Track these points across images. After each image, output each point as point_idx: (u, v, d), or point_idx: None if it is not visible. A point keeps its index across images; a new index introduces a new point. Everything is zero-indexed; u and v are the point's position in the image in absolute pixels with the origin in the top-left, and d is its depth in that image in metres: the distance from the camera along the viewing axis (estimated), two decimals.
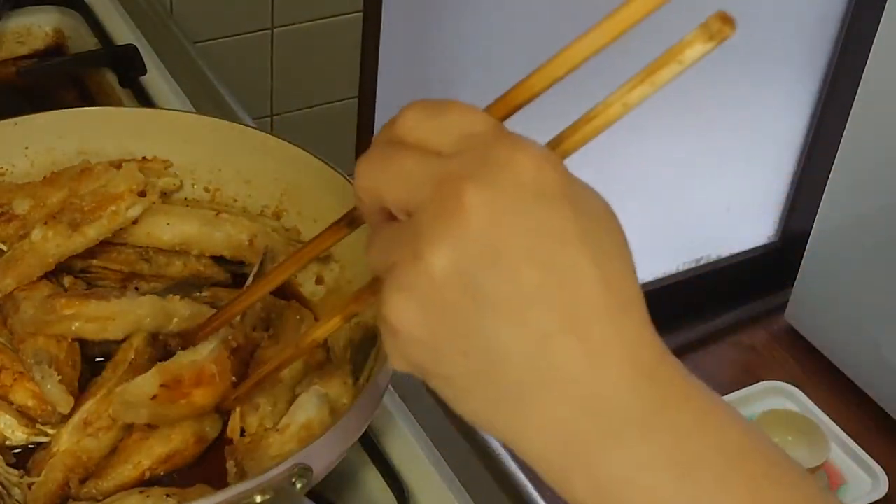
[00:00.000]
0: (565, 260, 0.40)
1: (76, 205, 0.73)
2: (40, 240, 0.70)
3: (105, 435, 0.65)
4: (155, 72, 1.03)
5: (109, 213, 0.72)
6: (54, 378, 0.65)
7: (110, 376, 0.66)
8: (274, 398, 0.66)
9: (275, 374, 0.65)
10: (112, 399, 0.64)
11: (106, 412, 0.65)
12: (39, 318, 0.68)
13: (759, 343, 2.27)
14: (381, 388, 0.65)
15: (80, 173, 0.75)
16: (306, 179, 0.78)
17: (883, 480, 1.96)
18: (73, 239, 0.71)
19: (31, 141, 0.79)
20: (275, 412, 0.66)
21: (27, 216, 0.74)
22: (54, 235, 0.71)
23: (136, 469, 0.63)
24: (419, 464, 0.72)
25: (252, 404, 0.65)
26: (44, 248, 0.71)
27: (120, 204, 0.72)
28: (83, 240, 0.71)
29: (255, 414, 0.65)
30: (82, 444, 0.64)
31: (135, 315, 0.68)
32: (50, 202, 0.74)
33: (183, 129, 0.80)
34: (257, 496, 0.56)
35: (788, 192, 2.35)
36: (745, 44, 2.03)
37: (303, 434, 0.64)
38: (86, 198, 0.73)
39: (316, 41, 1.48)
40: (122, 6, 1.10)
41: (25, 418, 0.66)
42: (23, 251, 0.71)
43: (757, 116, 2.17)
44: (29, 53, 1.07)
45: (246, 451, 0.64)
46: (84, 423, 0.64)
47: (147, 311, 0.69)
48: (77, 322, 0.67)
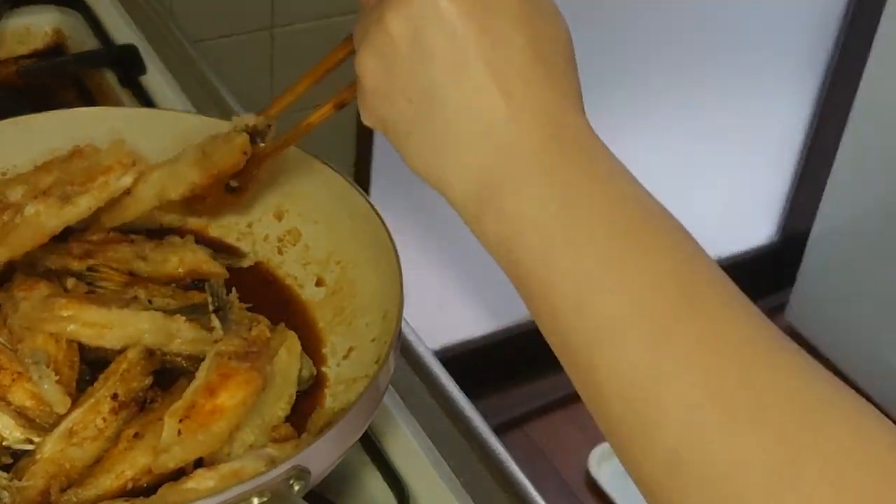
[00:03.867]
0: (503, 27, 0.49)
1: (66, 180, 0.73)
2: (33, 214, 0.70)
3: (91, 445, 0.64)
4: (155, 72, 1.03)
5: (100, 184, 0.72)
6: (51, 378, 0.65)
7: (100, 386, 0.66)
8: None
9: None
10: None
11: (93, 422, 0.64)
12: (36, 314, 0.67)
13: None
14: (380, 390, 0.65)
15: (71, 155, 0.76)
16: (307, 181, 0.78)
17: None
18: (66, 210, 0.71)
19: (33, 141, 0.79)
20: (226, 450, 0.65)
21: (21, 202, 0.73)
22: (46, 208, 0.70)
23: (118, 479, 0.63)
24: (419, 464, 0.72)
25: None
26: (36, 221, 0.70)
27: (109, 175, 0.73)
28: (76, 210, 0.71)
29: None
30: (67, 453, 0.63)
31: (134, 328, 0.68)
32: (42, 185, 0.74)
33: (184, 130, 0.80)
34: (255, 498, 0.56)
35: (788, 192, 2.34)
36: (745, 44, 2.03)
37: (230, 478, 0.62)
38: (76, 174, 0.73)
39: (316, 41, 1.48)
40: (122, 6, 1.10)
41: (23, 419, 0.65)
42: (14, 224, 0.70)
43: (757, 116, 2.17)
44: (29, 53, 1.07)
45: (168, 488, 0.62)
46: (70, 432, 0.63)
47: (148, 326, 0.68)
48: (74, 324, 0.67)
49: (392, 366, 0.65)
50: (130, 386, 0.66)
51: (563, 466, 1.99)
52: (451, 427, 0.78)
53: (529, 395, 1.98)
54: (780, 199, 2.36)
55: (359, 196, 0.74)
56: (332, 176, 0.76)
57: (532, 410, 2.05)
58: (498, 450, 0.77)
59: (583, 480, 1.96)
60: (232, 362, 0.65)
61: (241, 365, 0.65)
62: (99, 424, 0.64)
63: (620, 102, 1.84)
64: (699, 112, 2.06)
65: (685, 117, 2.05)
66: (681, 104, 2.01)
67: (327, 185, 0.76)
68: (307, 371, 0.70)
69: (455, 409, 0.80)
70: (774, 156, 2.28)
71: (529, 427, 2.05)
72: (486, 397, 1.93)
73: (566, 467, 1.99)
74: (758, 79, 2.10)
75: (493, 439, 0.78)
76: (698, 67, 2.00)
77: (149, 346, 0.68)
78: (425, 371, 0.82)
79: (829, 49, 2.15)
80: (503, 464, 0.76)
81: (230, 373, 0.64)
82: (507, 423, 2.02)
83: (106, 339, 0.68)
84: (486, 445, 0.77)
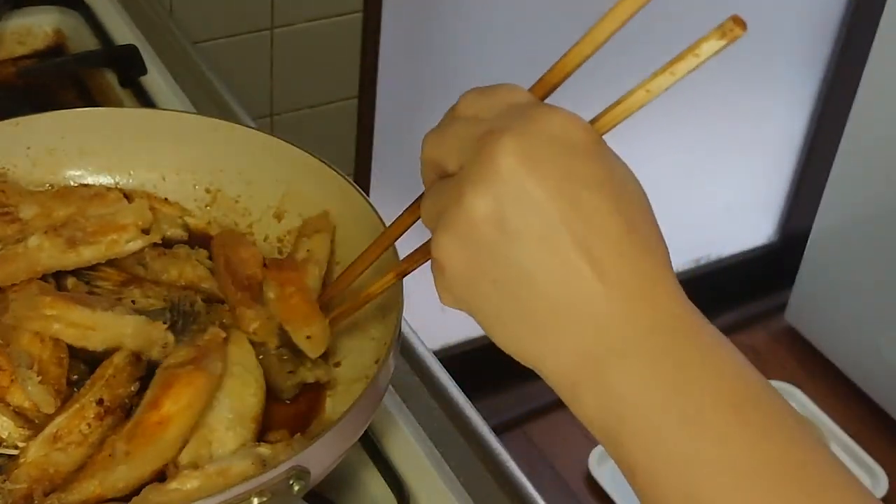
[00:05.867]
0: (590, 199, 0.46)
1: (80, 223, 0.73)
2: (35, 247, 0.70)
3: (75, 450, 0.63)
4: (155, 72, 1.03)
5: (109, 241, 0.72)
6: (34, 380, 0.65)
7: (86, 392, 0.65)
8: (201, 435, 0.65)
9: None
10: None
11: (77, 427, 0.64)
12: (21, 312, 0.67)
13: (759, 343, 2.27)
14: (380, 390, 0.65)
15: (93, 196, 0.76)
16: (307, 181, 0.77)
17: (883, 480, 1.97)
18: (67, 255, 0.71)
19: (33, 141, 0.79)
20: (205, 445, 0.65)
21: (30, 222, 0.74)
22: (50, 246, 0.71)
23: (101, 485, 0.62)
24: (419, 464, 0.72)
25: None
26: (36, 256, 0.71)
27: (122, 234, 0.73)
28: (76, 259, 0.72)
29: (183, 452, 0.63)
30: (51, 458, 0.63)
31: (117, 331, 0.68)
32: (56, 215, 0.74)
33: (184, 130, 0.80)
34: (254, 498, 0.56)
35: (788, 192, 2.34)
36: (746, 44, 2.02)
37: (216, 478, 0.62)
38: (91, 220, 0.73)
39: (316, 41, 1.48)
40: (122, 6, 1.10)
41: (22, 419, 0.65)
42: (15, 253, 0.71)
43: (757, 116, 2.17)
44: (29, 53, 1.07)
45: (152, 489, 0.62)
46: (54, 437, 0.63)
47: (131, 330, 0.68)
48: (58, 324, 0.67)
49: (392, 366, 0.65)
50: (116, 392, 0.66)
51: (563, 466, 1.99)
52: (451, 427, 0.78)
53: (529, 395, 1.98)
54: (780, 199, 2.36)
55: (358, 196, 0.74)
56: (332, 176, 0.76)
57: (532, 410, 2.05)
58: (498, 450, 0.77)
59: (583, 480, 1.96)
60: (176, 370, 0.65)
61: (183, 369, 0.65)
62: (84, 430, 0.64)
63: None
64: (699, 112, 2.06)
65: (685, 117, 2.05)
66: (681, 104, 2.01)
67: (327, 186, 0.76)
68: (323, 370, 0.70)
69: (455, 409, 0.80)
70: (774, 156, 2.28)
71: (529, 427, 2.05)
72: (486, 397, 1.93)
73: (566, 467, 1.99)
74: (758, 79, 2.09)
75: (493, 439, 0.78)
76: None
77: (132, 349, 0.68)
78: (425, 371, 0.82)
79: (829, 49, 2.15)
80: (503, 464, 0.76)
81: (172, 380, 0.64)
82: (507, 423, 2.02)
83: (89, 341, 0.68)
84: (486, 445, 0.77)
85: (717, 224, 2.30)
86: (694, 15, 1.81)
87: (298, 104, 1.52)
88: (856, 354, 2.14)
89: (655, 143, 2.00)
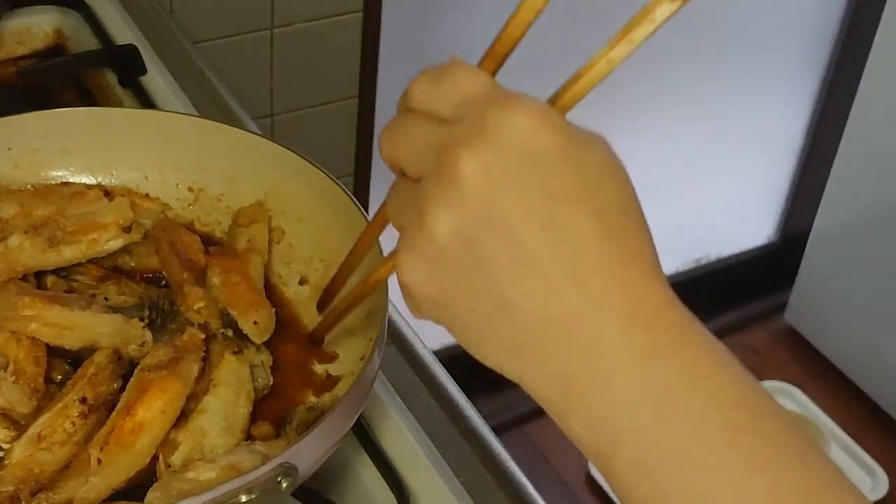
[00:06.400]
0: (564, 217, 0.42)
1: (60, 223, 0.73)
2: (16, 247, 0.70)
3: (59, 449, 0.63)
4: (155, 72, 1.03)
5: (89, 240, 0.72)
6: (7, 380, 0.65)
7: (68, 390, 0.65)
8: (194, 438, 0.65)
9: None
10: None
11: (62, 426, 0.64)
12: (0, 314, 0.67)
13: (759, 343, 2.27)
14: (367, 385, 0.65)
15: (73, 195, 0.75)
16: (290, 179, 0.77)
17: (883, 480, 1.96)
18: (48, 255, 0.71)
19: (14, 142, 0.78)
20: (197, 448, 0.65)
21: (9, 221, 0.73)
22: (31, 246, 0.70)
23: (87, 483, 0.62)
24: (419, 463, 0.72)
25: (171, 445, 0.64)
26: (16, 256, 0.70)
27: (102, 233, 0.73)
28: (57, 258, 0.71)
29: (176, 453, 0.64)
30: (36, 458, 0.63)
31: (93, 330, 0.68)
32: (36, 213, 0.74)
33: (167, 129, 0.79)
34: (242, 496, 0.56)
35: (788, 192, 2.35)
36: (745, 44, 2.03)
37: (229, 471, 0.62)
38: (71, 219, 0.73)
39: (316, 41, 1.48)
40: (122, 6, 1.10)
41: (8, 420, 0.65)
42: None
43: (757, 116, 2.17)
44: (29, 53, 1.07)
45: (171, 476, 0.63)
46: (38, 437, 0.63)
47: (108, 329, 0.68)
48: (35, 324, 0.67)
49: (377, 363, 0.65)
50: (99, 390, 0.65)
51: (562, 466, 1.99)
52: (451, 427, 0.78)
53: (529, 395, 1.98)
54: (780, 199, 2.36)
55: (341, 192, 0.74)
56: (315, 173, 0.75)
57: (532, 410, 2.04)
58: (498, 450, 0.77)
59: (583, 480, 1.96)
60: (150, 374, 0.65)
61: (157, 374, 0.65)
62: (68, 428, 0.64)
63: (621, 102, 1.84)
64: (699, 112, 2.06)
65: (685, 117, 2.05)
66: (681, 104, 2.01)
67: (310, 183, 0.76)
68: (262, 381, 0.70)
69: (455, 408, 0.80)
70: (774, 156, 2.28)
71: (529, 427, 2.05)
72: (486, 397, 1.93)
73: (566, 467, 1.99)
74: (758, 79, 2.09)
75: (493, 439, 0.78)
76: (698, 67, 2.00)
77: (108, 347, 0.68)
78: (425, 371, 0.82)
79: (829, 49, 2.15)
80: (503, 464, 0.76)
81: (147, 385, 0.64)
82: (507, 423, 2.02)
83: (65, 340, 0.68)
84: (486, 445, 0.77)
85: (717, 224, 2.30)
86: (693, 14, 1.81)
87: (298, 104, 1.52)
88: (856, 354, 2.14)
89: (656, 143, 2.00)
